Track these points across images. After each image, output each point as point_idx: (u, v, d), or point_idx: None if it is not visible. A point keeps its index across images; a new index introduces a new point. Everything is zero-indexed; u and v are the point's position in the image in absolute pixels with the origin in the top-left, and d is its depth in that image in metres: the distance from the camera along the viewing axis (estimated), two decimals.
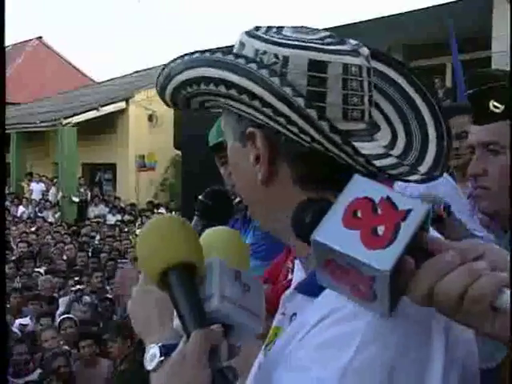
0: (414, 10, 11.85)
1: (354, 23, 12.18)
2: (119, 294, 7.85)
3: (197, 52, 0.96)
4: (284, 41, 0.95)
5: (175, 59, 0.98)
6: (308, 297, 0.93)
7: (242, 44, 0.97)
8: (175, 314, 0.90)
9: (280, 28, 1.00)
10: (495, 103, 1.67)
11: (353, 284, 0.78)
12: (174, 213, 16.01)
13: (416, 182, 0.96)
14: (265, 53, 0.94)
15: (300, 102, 0.88)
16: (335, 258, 0.77)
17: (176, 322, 0.90)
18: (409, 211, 0.77)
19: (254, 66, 0.90)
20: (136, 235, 13.11)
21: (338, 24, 12.08)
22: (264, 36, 0.96)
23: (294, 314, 0.97)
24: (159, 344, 0.90)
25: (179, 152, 8.25)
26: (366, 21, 12.26)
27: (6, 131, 20.43)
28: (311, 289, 0.91)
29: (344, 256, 0.76)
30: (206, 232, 1.03)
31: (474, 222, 2.29)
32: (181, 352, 0.85)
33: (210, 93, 0.95)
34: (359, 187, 0.80)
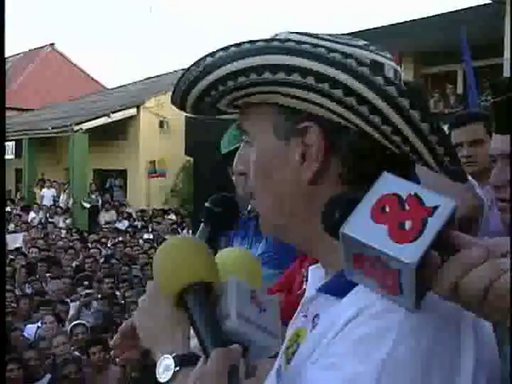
0: (425, 18, 11.84)
1: (366, 30, 12.18)
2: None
3: (246, 43, 0.95)
4: (341, 41, 0.96)
5: (217, 51, 0.96)
6: (332, 297, 0.92)
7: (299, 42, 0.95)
8: (192, 333, 0.90)
9: (316, 34, 1.00)
10: None
11: (380, 278, 0.80)
12: (184, 218, 16.05)
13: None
14: (336, 51, 0.93)
15: (405, 103, 0.90)
16: (363, 251, 0.79)
17: (193, 342, 0.90)
18: (436, 207, 0.79)
19: (351, 61, 0.91)
20: (145, 241, 13.13)
21: (350, 31, 12.08)
22: (319, 35, 0.97)
23: (317, 316, 0.96)
24: (173, 355, 0.90)
25: (190, 158, 8.27)
26: (377, 28, 12.26)
27: (18, 137, 20.58)
28: (337, 289, 0.92)
29: (371, 249, 0.78)
30: (220, 253, 1.04)
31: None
32: (200, 372, 0.84)
33: (261, 83, 0.94)
34: (387, 184, 0.82)
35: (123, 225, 16.33)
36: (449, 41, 9.95)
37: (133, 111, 19.68)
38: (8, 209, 17.55)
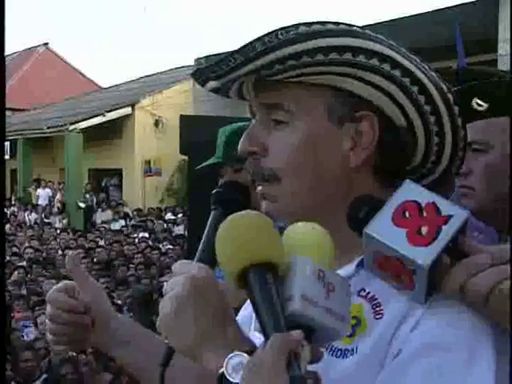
0: (419, 14, 11.84)
1: (360, 27, 12.17)
2: None
3: (330, 23, 0.99)
4: None
5: (314, 23, 0.98)
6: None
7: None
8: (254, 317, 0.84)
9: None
10: (478, 101, 1.62)
11: (396, 274, 0.90)
12: (179, 216, 16.02)
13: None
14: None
15: (451, 97, 1.01)
16: (383, 250, 0.89)
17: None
18: (450, 216, 0.88)
19: (415, 57, 1.00)
20: (140, 240, 13.11)
21: None
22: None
23: (363, 289, 0.98)
24: (243, 350, 0.81)
25: (185, 157, 8.24)
26: (371, 25, 12.26)
27: (13, 137, 20.52)
28: None
29: (390, 249, 0.88)
30: (290, 229, 0.94)
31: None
32: (258, 357, 0.78)
33: (338, 63, 0.97)
34: (409, 191, 0.91)
35: (119, 224, 16.31)
36: (443, 37, 9.95)
37: (128, 110, 19.64)
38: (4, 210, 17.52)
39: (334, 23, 0.99)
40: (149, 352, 1.18)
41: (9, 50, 30.91)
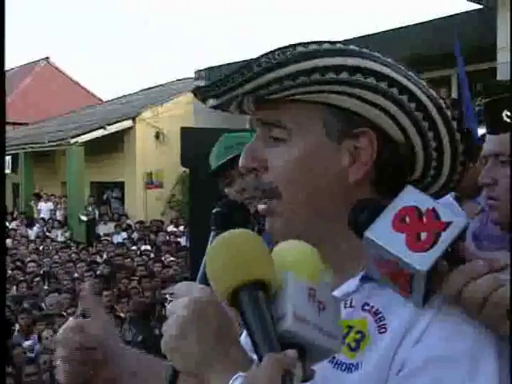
0: (419, 23, 11.89)
1: (361, 37, 12.22)
2: None
3: (327, 42, 1.00)
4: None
5: (311, 43, 0.99)
6: (378, 284, 0.97)
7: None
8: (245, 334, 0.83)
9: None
10: (509, 113, 1.65)
11: (395, 278, 0.91)
12: (181, 228, 16.01)
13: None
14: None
15: (449, 114, 1.02)
16: (382, 254, 0.90)
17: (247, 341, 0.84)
18: (449, 223, 0.89)
19: (412, 73, 1.02)
20: (142, 252, 13.09)
21: (345, 38, 12.11)
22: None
23: (366, 304, 0.99)
24: (246, 372, 0.81)
25: (186, 169, 8.26)
26: (372, 34, 12.30)
27: (15, 152, 20.56)
28: None
29: (389, 254, 0.89)
30: (280, 247, 0.94)
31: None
32: (252, 377, 0.78)
33: (334, 82, 0.98)
34: (410, 197, 0.92)
35: (121, 237, 16.28)
36: (442, 46, 9.99)
37: (129, 123, 19.66)
38: (6, 224, 17.51)
39: (331, 42, 1.00)
40: (154, 381, 1.14)
41: (10, 64, 31.04)
